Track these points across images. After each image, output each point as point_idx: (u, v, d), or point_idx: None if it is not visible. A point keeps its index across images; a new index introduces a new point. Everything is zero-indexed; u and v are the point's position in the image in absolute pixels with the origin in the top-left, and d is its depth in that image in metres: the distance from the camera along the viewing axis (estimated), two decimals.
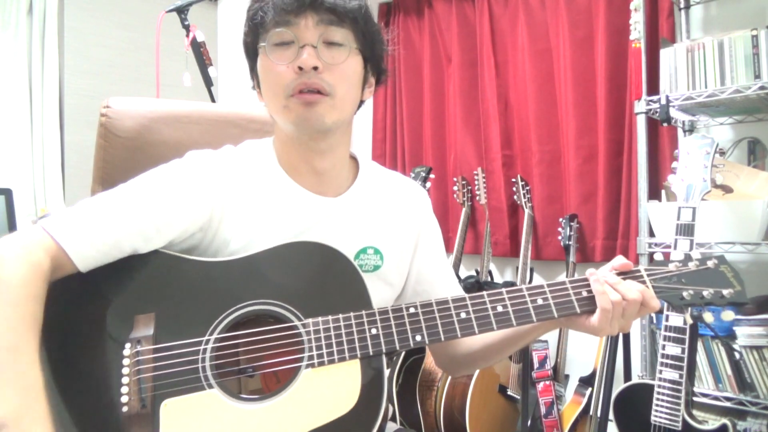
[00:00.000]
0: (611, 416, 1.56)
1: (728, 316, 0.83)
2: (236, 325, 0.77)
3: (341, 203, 0.93)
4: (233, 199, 0.87)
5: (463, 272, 2.61)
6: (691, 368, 1.40)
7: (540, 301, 0.80)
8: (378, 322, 0.78)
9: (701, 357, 1.79)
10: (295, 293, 0.79)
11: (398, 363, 2.26)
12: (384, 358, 0.78)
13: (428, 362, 2.26)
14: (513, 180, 2.48)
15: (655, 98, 1.88)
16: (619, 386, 1.54)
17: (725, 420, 1.33)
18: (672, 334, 1.38)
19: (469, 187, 2.60)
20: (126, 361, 0.72)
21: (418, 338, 0.78)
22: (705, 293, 0.81)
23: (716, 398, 1.76)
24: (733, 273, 0.82)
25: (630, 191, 2.20)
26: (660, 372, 1.38)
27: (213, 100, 1.86)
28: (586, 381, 2.05)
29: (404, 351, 2.16)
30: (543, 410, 2.08)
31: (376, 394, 0.75)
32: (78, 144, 2.72)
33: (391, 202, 0.99)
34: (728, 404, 1.74)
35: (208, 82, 1.83)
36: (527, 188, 2.44)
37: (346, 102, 0.87)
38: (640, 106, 1.91)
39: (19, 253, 0.70)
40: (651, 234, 1.89)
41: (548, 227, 2.43)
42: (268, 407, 0.73)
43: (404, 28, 2.89)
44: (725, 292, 0.80)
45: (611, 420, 1.58)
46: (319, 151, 0.89)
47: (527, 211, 2.39)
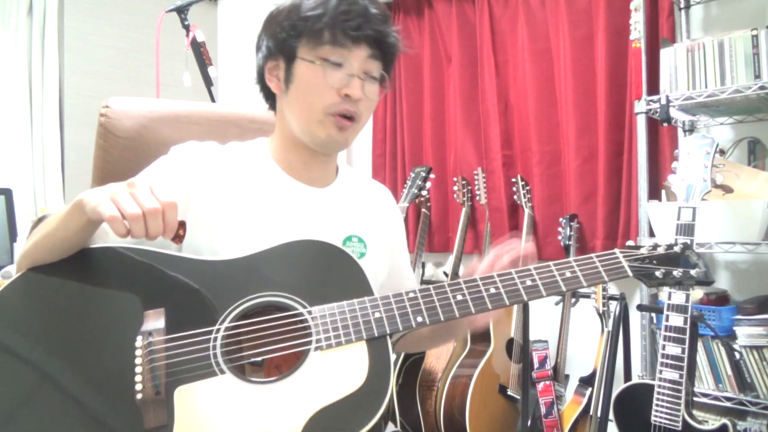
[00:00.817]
0: (611, 416, 1.56)
1: (697, 295, 0.90)
2: (244, 317, 0.80)
3: (328, 193, 1.00)
4: (213, 185, 0.91)
5: (462, 269, 2.61)
6: (691, 368, 1.40)
7: (529, 282, 0.86)
8: (380, 306, 0.82)
9: (701, 357, 1.79)
10: (299, 285, 0.83)
11: (398, 363, 2.26)
12: (389, 340, 0.80)
13: (428, 362, 2.26)
14: (513, 180, 2.48)
15: (655, 98, 1.88)
16: (619, 386, 1.54)
17: (725, 420, 1.33)
18: (672, 334, 1.38)
19: (469, 187, 2.60)
20: (138, 352, 0.74)
21: (420, 319, 0.82)
22: (675, 273, 0.89)
23: (716, 398, 1.76)
24: (697, 256, 0.91)
25: (630, 191, 2.20)
26: (660, 372, 1.38)
27: (213, 100, 1.86)
28: (586, 381, 2.05)
29: (404, 352, 2.16)
30: (543, 410, 2.08)
31: (384, 371, 0.77)
32: (78, 144, 2.72)
33: (370, 199, 1.07)
34: (728, 404, 1.74)
35: (208, 82, 1.83)
36: (527, 188, 2.44)
37: (363, 126, 0.96)
38: (640, 106, 1.91)
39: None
40: (651, 234, 1.89)
41: (548, 227, 2.43)
42: (280, 387, 0.75)
43: (404, 28, 2.88)
44: (693, 272, 0.88)
45: (611, 420, 1.58)
46: (322, 159, 0.98)
47: (527, 211, 2.39)
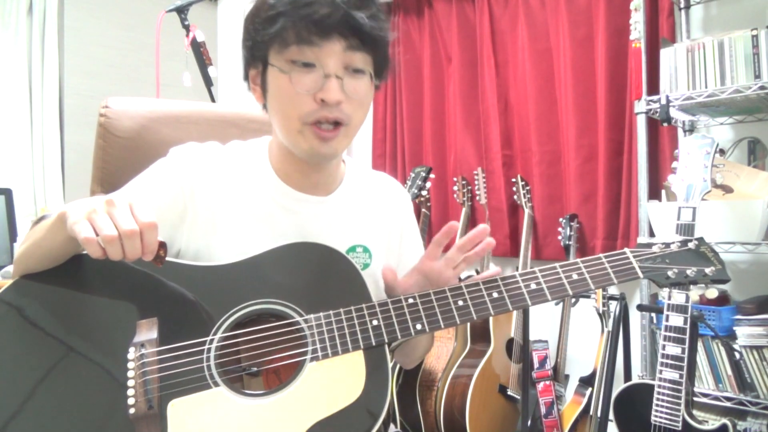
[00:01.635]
0: (611, 416, 1.56)
1: (712, 294, 0.87)
2: (238, 325, 0.78)
3: (330, 202, 0.93)
4: (211, 189, 0.87)
5: (463, 272, 2.60)
6: (691, 368, 1.40)
7: (533, 286, 0.82)
8: (378, 314, 0.79)
9: (701, 357, 1.79)
10: (296, 291, 0.80)
11: (398, 364, 2.26)
12: (387, 349, 0.78)
13: (428, 362, 2.26)
14: (513, 180, 2.48)
15: (655, 98, 1.88)
16: (619, 386, 1.54)
17: (725, 420, 1.33)
18: (672, 334, 1.38)
19: (469, 187, 2.60)
20: (131, 365, 0.72)
21: (419, 326, 0.79)
22: (689, 271, 0.83)
23: (716, 398, 1.76)
24: (713, 253, 0.85)
25: (630, 191, 2.20)
26: (660, 372, 1.38)
27: (213, 100, 1.86)
28: (586, 381, 2.05)
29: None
30: (543, 410, 2.08)
31: (382, 383, 0.75)
32: (78, 144, 2.72)
33: (376, 201, 1.00)
34: (728, 404, 1.74)
35: (208, 82, 1.83)
36: (527, 188, 2.44)
37: (358, 127, 0.86)
38: (640, 106, 1.91)
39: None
40: (651, 234, 1.89)
41: (548, 227, 2.43)
42: (275, 401, 0.73)
43: (404, 28, 2.88)
44: (707, 270, 0.83)
45: (611, 420, 1.58)
46: (317, 168, 0.90)
47: (527, 211, 2.38)
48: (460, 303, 0.81)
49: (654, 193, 1.99)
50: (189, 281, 0.79)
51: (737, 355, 1.72)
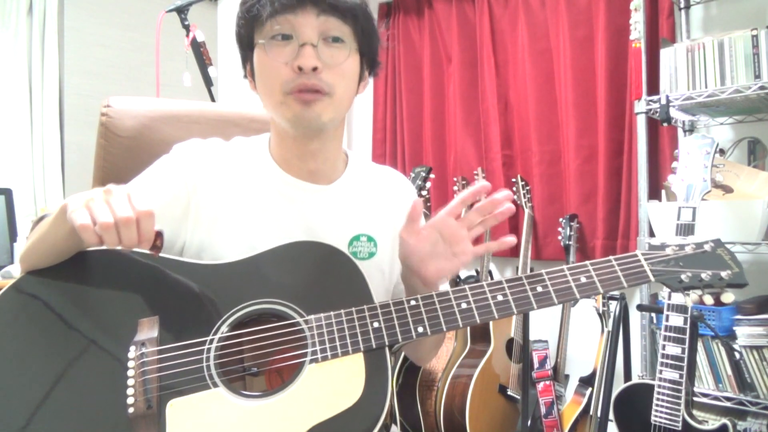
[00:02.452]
0: (611, 416, 1.56)
1: (728, 298, 0.82)
2: (239, 325, 0.78)
3: (333, 191, 0.93)
4: (214, 183, 0.88)
5: (463, 272, 2.61)
6: (691, 368, 1.40)
7: (540, 289, 0.80)
8: (380, 316, 0.78)
9: (701, 357, 1.79)
10: (296, 291, 0.79)
11: (398, 363, 2.26)
12: (388, 351, 0.77)
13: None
14: (513, 180, 2.48)
15: (655, 98, 1.88)
16: (619, 386, 1.54)
17: (725, 420, 1.33)
18: (672, 334, 1.38)
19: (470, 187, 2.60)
20: (131, 364, 0.72)
21: (420, 329, 0.78)
22: (703, 275, 0.79)
23: (716, 398, 1.76)
24: (730, 255, 0.82)
25: (630, 191, 2.20)
26: (660, 372, 1.38)
27: (213, 100, 1.86)
28: (586, 381, 2.05)
29: (404, 353, 2.15)
30: (543, 410, 2.08)
31: (381, 386, 0.75)
32: (78, 144, 2.72)
33: (381, 192, 1.00)
34: (728, 404, 1.74)
35: (208, 82, 1.83)
36: (527, 188, 2.44)
37: (344, 100, 0.86)
38: (640, 106, 1.91)
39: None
40: (651, 234, 1.89)
41: (548, 227, 2.43)
42: (273, 403, 0.73)
43: (404, 28, 2.89)
44: (723, 274, 0.79)
45: (611, 420, 1.58)
46: (313, 148, 0.90)
47: (527, 211, 2.39)
48: (464, 306, 0.79)
49: (654, 193, 1.99)
50: (191, 279, 0.79)
51: (737, 355, 1.72)
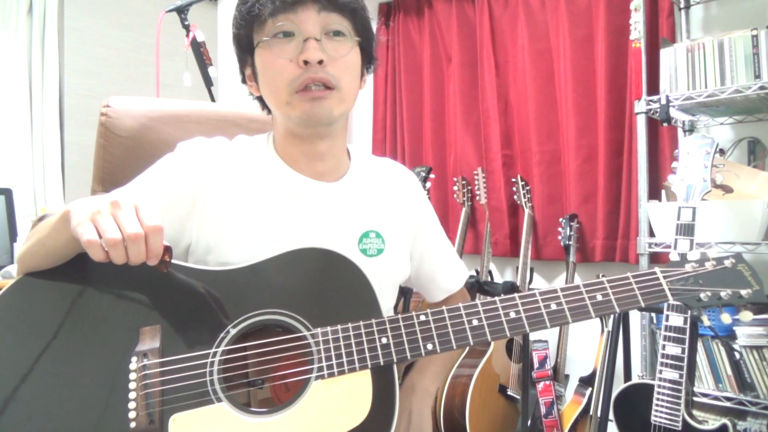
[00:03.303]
0: (611, 416, 1.56)
1: (746, 317, 0.79)
2: (244, 336, 0.76)
3: (340, 187, 0.92)
4: (221, 181, 0.87)
5: None
6: (691, 368, 1.40)
7: (554, 306, 0.77)
8: (388, 331, 0.76)
9: (701, 357, 1.79)
10: (303, 302, 0.77)
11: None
12: (396, 368, 0.76)
13: None
14: (513, 180, 2.48)
15: (655, 98, 1.88)
16: (619, 386, 1.54)
17: (725, 420, 1.33)
18: (672, 334, 1.38)
19: (469, 187, 2.60)
20: (133, 375, 0.70)
21: (430, 347, 0.76)
22: (723, 294, 0.77)
23: (716, 398, 1.76)
24: (751, 272, 0.79)
25: (630, 191, 2.20)
26: (660, 372, 1.38)
27: (213, 100, 1.86)
28: (586, 381, 2.05)
29: None
30: (543, 410, 2.08)
31: (389, 405, 0.73)
32: (78, 144, 2.72)
33: (386, 187, 0.99)
34: (728, 404, 1.74)
35: (208, 82, 1.83)
36: (527, 188, 2.44)
37: (351, 94, 0.86)
38: (640, 106, 1.91)
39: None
40: (651, 234, 1.89)
41: (548, 227, 2.43)
42: (278, 421, 0.71)
43: (404, 28, 2.89)
44: (743, 292, 0.77)
45: (611, 420, 1.58)
46: (321, 147, 0.89)
47: (527, 211, 2.39)
48: (475, 323, 0.77)
49: (654, 193, 1.99)
50: (194, 286, 0.76)
51: (737, 355, 1.72)
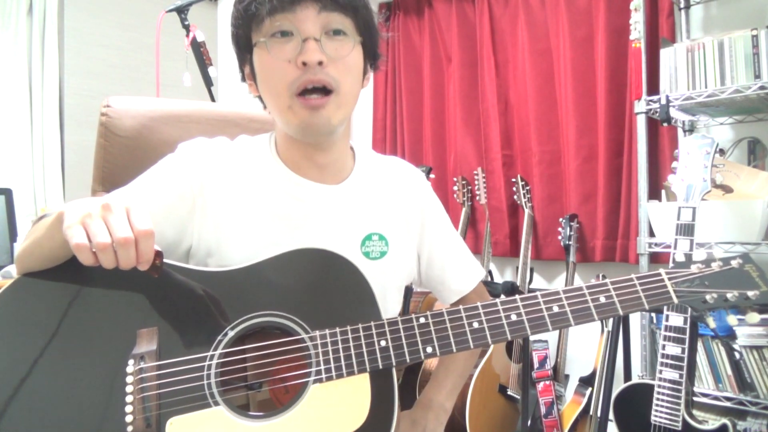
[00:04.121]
0: (611, 416, 1.56)
1: (753, 319, 0.77)
2: (242, 338, 0.75)
3: (343, 190, 0.91)
4: (222, 183, 0.85)
5: None
6: (691, 368, 1.40)
7: (556, 309, 0.76)
8: (387, 334, 0.75)
9: (701, 357, 1.79)
10: (302, 303, 0.77)
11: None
12: (394, 371, 0.75)
13: (428, 362, 2.25)
14: (513, 180, 2.48)
15: (655, 98, 1.88)
16: (619, 386, 1.54)
17: (725, 420, 1.33)
18: (672, 334, 1.38)
19: (469, 187, 2.60)
20: (129, 379, 0.70)
21: (429, 350, 0.75)
22: (729, 296, 0.75)
23: (716, 398, 1.76)
24: (759, 272, 0.77)
25: (630, 191, 2.20)
26: (660, 372, 1.38)
27: (213, 100, 1.86)
28: (586, 381, 2.05)
29: None
30: (543, 410, 2.08)
31: (387, 409, 0.72)
32: (78, 144, 2.72)
33: (391, 188, 0.97)
34: (728, 404, 1.74)
35: (208, 82, 1.83)
36: (527, 188, 2.44)
37: (351, 97, 0.84)
38: (640, 106, 1.91)
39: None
40: (651, 234, 1.89)
41: (548, 227, 2.43)
42: (275, 425, 0.70)
43: (404, 28, 2.89)
44: (750, 294, 0.75)
45: (611, 420, 1.58)
46: (321, 149, 0.88)
47: (527, 211, 2.39)
48: (476, 325, 0.75)
49: (654, 193, 1.99)
50: (192, 287, 0.75)
51: (737, 355, 1.72)
